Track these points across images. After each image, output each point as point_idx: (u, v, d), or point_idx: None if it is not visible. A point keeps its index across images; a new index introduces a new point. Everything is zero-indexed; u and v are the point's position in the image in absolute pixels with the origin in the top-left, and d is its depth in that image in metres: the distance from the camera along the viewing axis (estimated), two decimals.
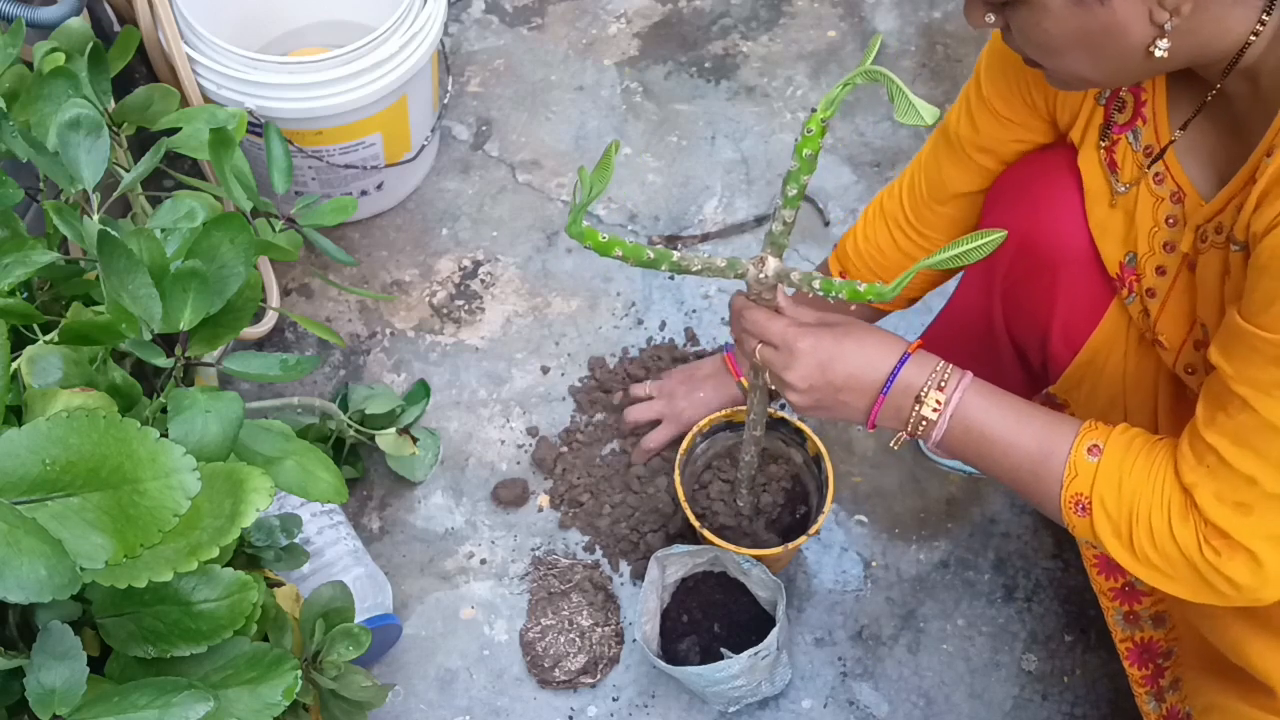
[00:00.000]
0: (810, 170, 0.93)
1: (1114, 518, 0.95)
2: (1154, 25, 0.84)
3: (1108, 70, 0.90)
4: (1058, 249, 1.10)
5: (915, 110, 0.83)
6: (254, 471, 0.80)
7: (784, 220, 0.97)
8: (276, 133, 1.25)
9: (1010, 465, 1.01)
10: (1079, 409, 1.17)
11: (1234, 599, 0.92)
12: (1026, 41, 0.91)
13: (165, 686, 0.74)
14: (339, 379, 1.62)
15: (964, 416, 1.02)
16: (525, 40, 1.94)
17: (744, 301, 1.08)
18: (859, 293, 0.97)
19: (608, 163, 0.88)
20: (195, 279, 0.88)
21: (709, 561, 1.39)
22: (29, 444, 0.67)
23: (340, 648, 1.08)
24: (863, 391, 1.04)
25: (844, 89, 0.87)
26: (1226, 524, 0.89)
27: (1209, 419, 0.90)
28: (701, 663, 1.34)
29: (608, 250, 0.95)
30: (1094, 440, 0.97)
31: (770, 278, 1.02)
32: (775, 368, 1.07)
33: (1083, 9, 0.84)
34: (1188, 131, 0.98)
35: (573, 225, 0.91)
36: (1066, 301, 1.12)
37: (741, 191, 1.79)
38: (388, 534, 1.51)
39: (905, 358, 1.03)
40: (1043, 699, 1.42)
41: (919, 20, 1.97)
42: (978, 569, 1.50)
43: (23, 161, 1.00)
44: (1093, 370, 1.13)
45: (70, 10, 1.29)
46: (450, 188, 1.79)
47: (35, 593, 0.65)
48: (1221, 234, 0.93)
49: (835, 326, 1.06)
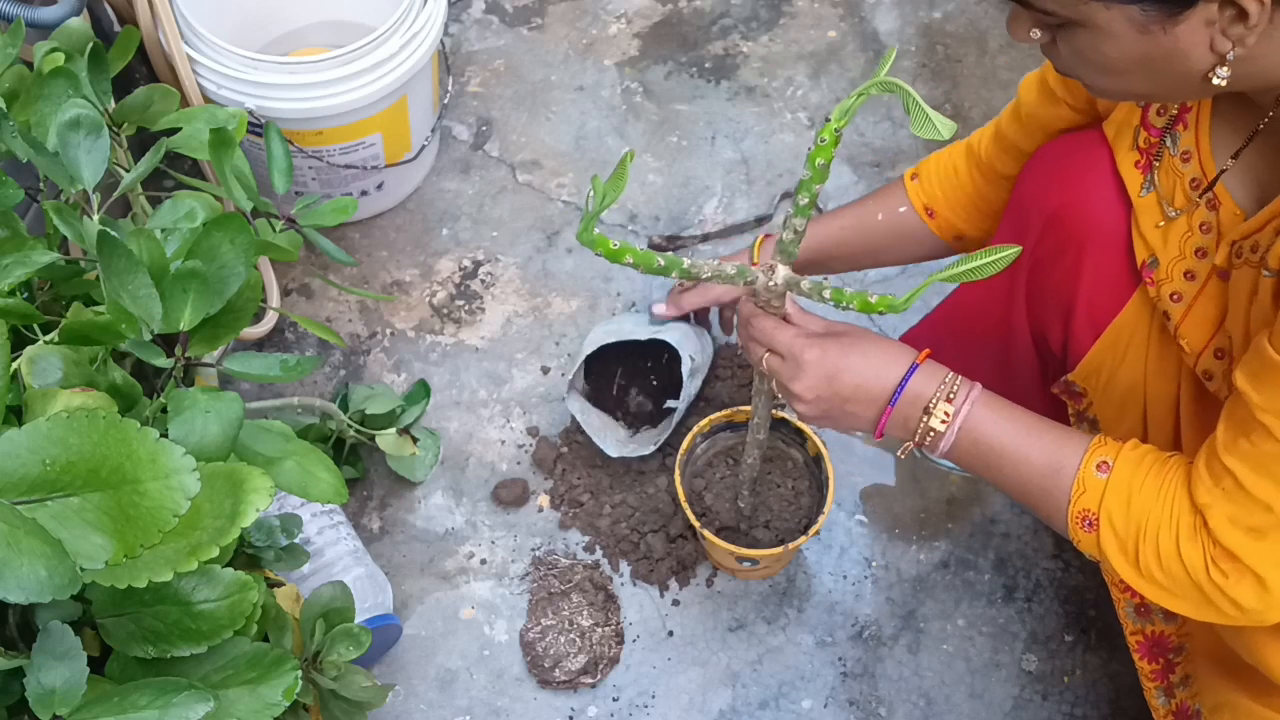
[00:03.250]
0: (822, 180, 0.92)
1: (1121, 535, 0.94)
2: (1215, 53, 0.83)
3: (1162, 91, 0.90)
4: (1089, 224, 1.10)
5: (932, 124, 0.82)
6: (254, 472, 0.80)
7: (795, 229, 0.97)
8: (277, 133, 1.25)
9: (1018, 479, 1.01)
10: (1098, 396, 1.16)
11: (1238, 620, 0.92)
12: (1080, 61, 0.89)
13: (165, 686, 0.74)
14: (339, 379, 1.62)
15: (972, 429, 1.01)
16: (525, 40, 1.94)
17: (752, 309, 1.07)
18: (870, 304, 0.96)
19: (623, 172, 0.88)
20: (195, 279, 0.88)
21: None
22: (29, 444, 0.67)
23: (340, 648, 1.08)
24: (870, 402, 1.04)
25: (859, 98, 0.86)
26: (1238, 548, 0.89)
27: (1230, 443, 0.90)
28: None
29: (619, 257, 0.94)
30: (1104, 456, 0.97)
31: (780, 285, 1.02)
32: (782, 378, 1.06)
33: (1145, 35, 0.83)
34: (1228, 142, 0.98)
35: (584, 233, 0.90)
36: (1092, 279, 1.11)
37: (742, 192, 1.79)
38: (388, 534, 1.51)
39: (913, 368, 1.03)
40: (1043, 699, 1.42)
41: (919, 20, 1.97)
42: (978, 569, 1.50)
43: (23, 161, 1.00)
44: (1114, 355, 1.12)
45: (70, 10, 1.29)
46: (450, 188, 1.79)
47: (35, 593, 0.65)
48: (1256, 253, 0.93)
49: (843, 337, 1.05)
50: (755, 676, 1.43)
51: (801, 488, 1.43)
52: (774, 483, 1.43)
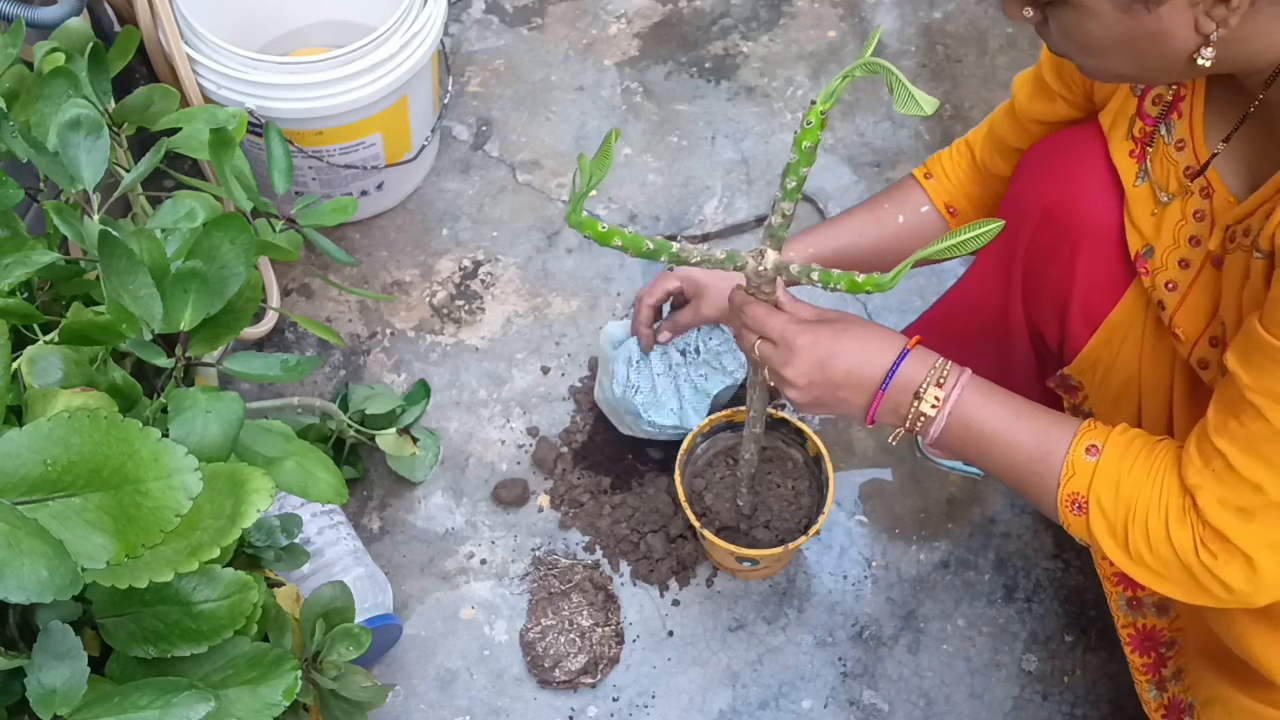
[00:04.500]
0: (809, 162, 0.93)
1: (1110, 517, 0.95)
2: (1199, 34, 0.84)
3: (1148, 72, 0.91)
4: (1083, 220, 1.10)
5: (915, 100, 0.83)
6: (255, 472, 0.80)
7: (783, 213, 0.97)
8: (277, 133, 1.25)
9: (1008, 463, 1.01)
10: (1093, 390, 1.16)
11: (1227, 602, 0.92)
12: (1067, 40, 0.90)
13: (166, 686, 0.74)
14: (339, 379, 1.62)
15: (962, 414, 1.02)
16: (525, 40, 1.94)
17: (744, 296, 1.08)
18: (858, 284, 0.96)
19: (607, 150, 0.88)
20: (195, 279, 0.88)
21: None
22: (30, 444, 0.67)
23: (340, 648, 1.08)
24: (861, 388, 1.04)
25: (843, 81, 0.87)
26: (1227, 528, 0.89)
27: (1220, 424, 0.90)
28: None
29: (607, 240, 0.95)
30: (1092, 440, 0.97)
31: (769, 270, 1.02)
32: (774, 364, 1.07)
33: (1129, 15, 0.84)
34: (1221, 129, 0.98)
35: (573, 214, 0.91)
36: (1087, 274, 1.12)
37: (742, 192, 1.79)
38: (388, 534, 1.51)
39: (904, 354, 1.03)
40: (1043, 699, 1.42)
41: (919, 20, 1.97)
42: (978, 569, 1.50)
43: (23, 161, 1.00)
44: (1109, 350, 1.13)
45: (70, 10, 1.29)
46: (450, 188, 1.79)
47: (36, 593, 0.65)
48: (1249, 237, 0.93)
49: (834, 323, 1.06)
50: (755, 676, 1.43)
51: (801, 488, 1.42)
52: (774, 482, 1.43)
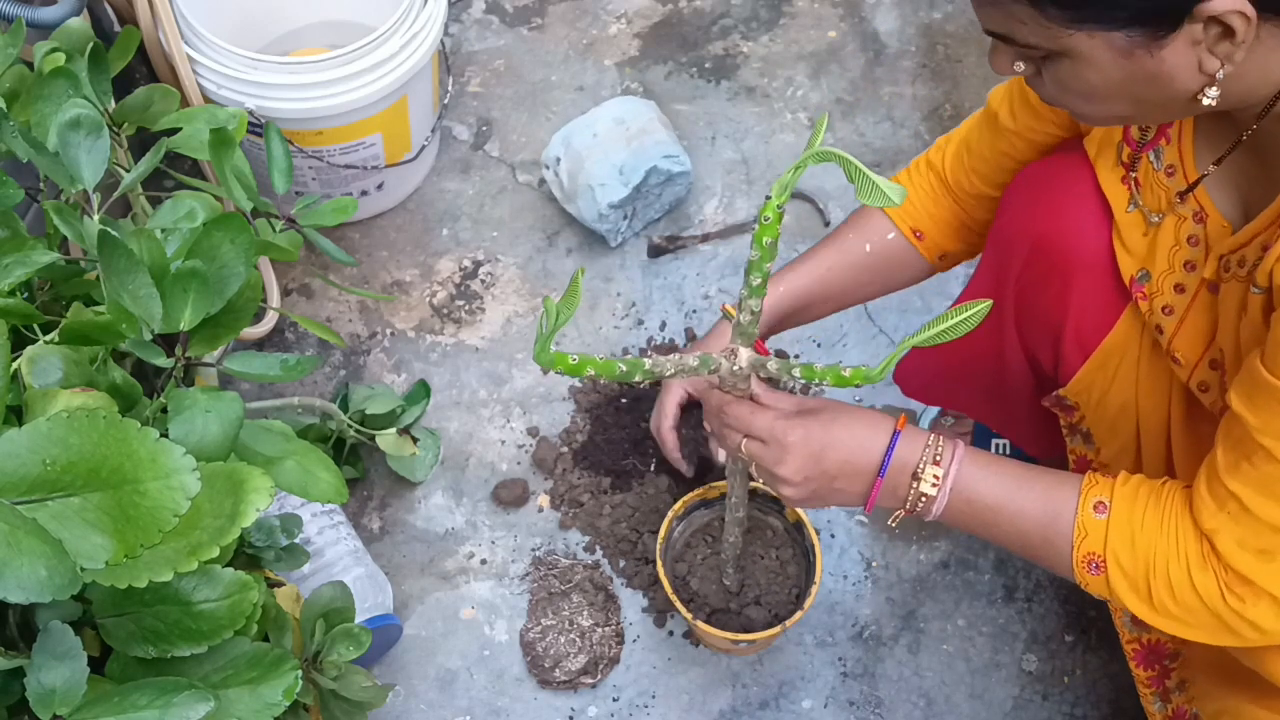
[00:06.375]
0: (771, 258, 0.89)
1: (1130, 574, 0.94)
2: (1204, 74, 0.82)
3: (1147, 113, 0.89)
4: (1074, 253, 1.09)
5: (880, 191, 0.79)
6: (254, 472, 0.80)
7: (751, 310, 0.94)
8: (277, 133, 1.25)
9: (1017, 532, 1.00)
10: (1090, 412, 1.16)
11: (1257, 642, 0.92)
12: (1063, 90, 0.88)
13: (165, 686, 0.74)
14: (339, 379, 1.62)
15: (964, 488, 1.00)
16: (525, 40, 1.94)
17: (721, 397, 1.04)
18: (844, 378, 0.93)
19: (575, 290, 0.85)
20: (195, 279, 0.88)
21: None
22: (29, 444, 0.67)
23: (340, 648, 1.08)
24: (857, 476, 1.02)
25: (796, 172, 0.83)
26: (1250, 571, 0.88)
27: (1231, 466, 0.89)
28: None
29: (579, 370, 0.91)
30: (1099, 496, 0.96)
31: (745, 369, 0.99)
32: (766, 463, 1.03)
33: (1129, 60, 0.82)
34: (1211, 156, 0.97)
35: (541, 353, 0.87)
36: (1079, 305, 1.10)
37: (742, 192, 1.79)
38: (388, 534, 1.51)
39: (896, 435, 1.01)
40: (1043, 699, 1.42)
41: (919, 20, 1.97)
42: (978, 569, 1.50)
43: (23, 161, 1.00)
44: (1104, 375, 1.12)
45: (70, 10, 1.29)
46: (450, 188, 1.79)
47: (35, 593, 0.65)
48: (1244, 267, 0.93)
49: (820, 413, 1.03)
50: (755, 676, 1.43)
51: (786, 556, 1.37)
52: (757, 554, 1.37)
